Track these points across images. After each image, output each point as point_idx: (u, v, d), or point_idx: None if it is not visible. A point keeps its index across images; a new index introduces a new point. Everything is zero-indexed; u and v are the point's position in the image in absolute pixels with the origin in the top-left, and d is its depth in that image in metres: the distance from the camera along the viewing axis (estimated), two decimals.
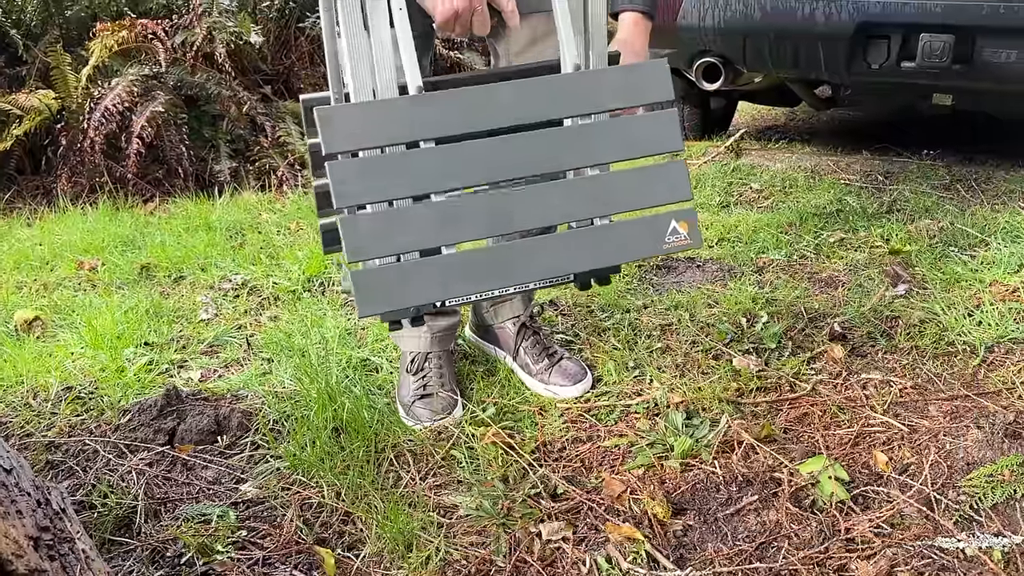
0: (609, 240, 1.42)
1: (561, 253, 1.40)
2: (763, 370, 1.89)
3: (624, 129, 1.42)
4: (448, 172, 1.34)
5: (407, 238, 1.33)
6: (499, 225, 1.38)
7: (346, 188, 1.28)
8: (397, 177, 1.31)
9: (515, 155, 1.37)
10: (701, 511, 1.43)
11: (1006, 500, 1.41)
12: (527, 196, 1.39)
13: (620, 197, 1.42)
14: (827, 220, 2.88)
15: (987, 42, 2.67)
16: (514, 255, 1.39)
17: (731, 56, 3.07)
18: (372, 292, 1.31)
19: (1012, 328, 1.99)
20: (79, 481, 1.55)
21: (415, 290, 1.34)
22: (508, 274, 1.39)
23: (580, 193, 1.41)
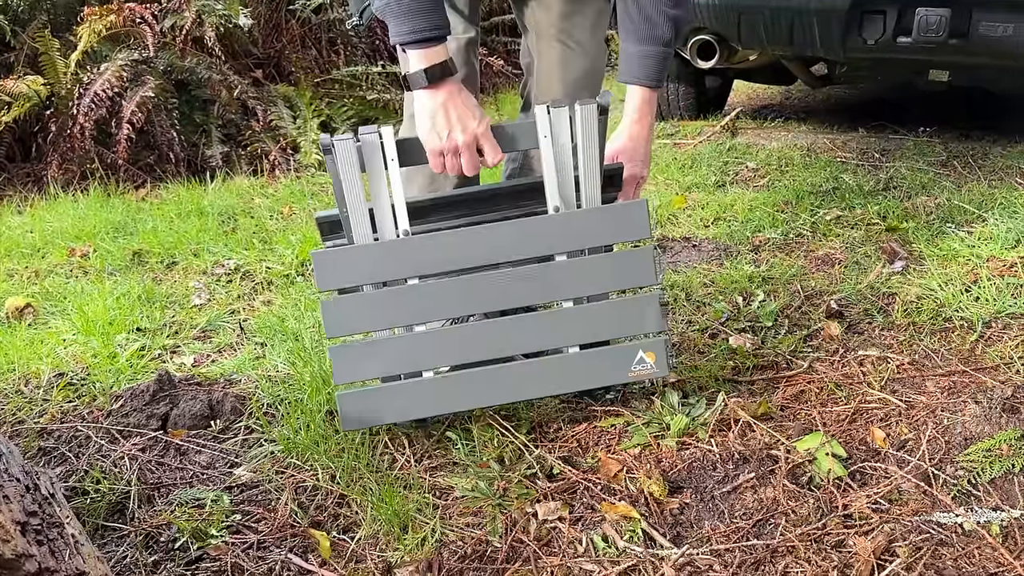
0: (577, 367, 1.57)
1: (530, 378, 1.56)
2: (759, 348, 1.88)
3: (602, 265, 1.56)
4: (430, 306, 1.52)
5: (386, 364, 1.52)
6: (471, 353, 1.55)
7: (336, 321, 1.50)
8: (382, 311, 1.50)
9: (493, 289, 1.53)
10: (698, 489, 1.42)
11: (1004, 474, 1.41)
12: (501, 326, 1.56)
13: (592, 328, 1.56)
14: (823, 198, 2.86)
15: (984, 16, 2.65)
16: (483, 379, 1.56)
17: (726, 34, 3.04)
18: (351, 411, 1.51)
19: (1009, 303, 1.98)
20: (71, 467, 1.54)
21: (392, 408, 1.53)
22: (477, 397, 1.56)
23: (553, 324, 1.56)
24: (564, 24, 1.67)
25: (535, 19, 1.71)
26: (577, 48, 1.67)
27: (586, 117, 1.50)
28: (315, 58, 4.25)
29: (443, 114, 1.44)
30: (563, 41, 1.67)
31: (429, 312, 1.51)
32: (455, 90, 1.45)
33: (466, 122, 1.45)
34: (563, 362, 1.56)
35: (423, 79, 1.43)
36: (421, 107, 1.45)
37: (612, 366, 1.56)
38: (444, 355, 1.53)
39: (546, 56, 1.69)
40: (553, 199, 1.53)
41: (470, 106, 1.46)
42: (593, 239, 1.54)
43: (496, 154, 1.49)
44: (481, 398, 1.55)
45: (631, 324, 1.56)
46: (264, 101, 3.78)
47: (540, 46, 1.70)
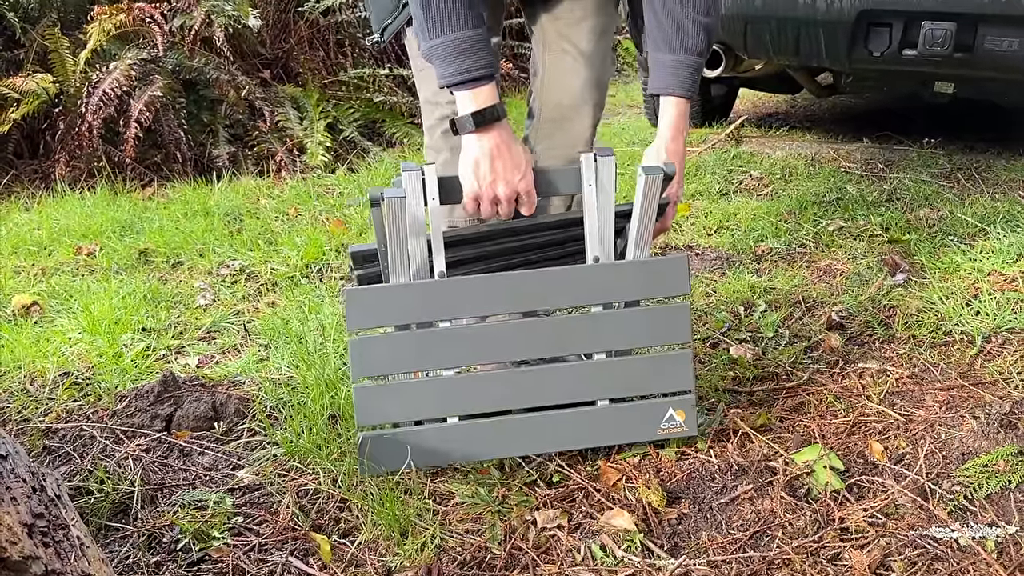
0: (606, 421, 1.53)
1: (559, 429, 1.52)
2: (760, 359, 1.89)
3: (637, 319, 1.53)
4: (460, 351, 1.48)
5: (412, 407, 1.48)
6: (502, 400, 1.52)
7: (365, 362, 1.45)
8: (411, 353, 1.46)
9: (527, 337, 1.50)
10: (696, 500, 1.43)
11: (1000, 490, 1.42)
12: (534, 376, 1.53)
13: (623, 383, 1.53)
14: (827, 208, 2.87)
15: (989, 30, 2.65)
16: (513, 428, 1.52)
17: (732, 43, 3.05)
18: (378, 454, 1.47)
19: (1009, 318, 1.99)
20: (76, 467, 1.56)
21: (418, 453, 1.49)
22: (505, 446, 1.53)
23: (585, 376, 1.53)
24: (571, 33, 1.68)
25: (542, 28, 1.72)
26: (582, 58, 1.68)
27: (651, 185, 1.46)
28: (323, 59, 4.27)
29: (488, 163, 1.41)
30: (568, 51, 1.68)
31: (460, 357, 1.48)
32: (504, 138, 1.42)
33: (510, 175, 1.42)
34: (593, 415, 1.53)
35: (470, 123, 1.40)
36: (467, 151, 1.43)
37: (641, 422, 1.54)
38: (473, 401, 1.50)
39: (551, 66, 1.70)
40: (594, 249, 1.51)
41: (516, 157, 1.43)
42: (632, 293, 1.51)
43: (532, 209, 1.47)
44: (508, 447, 1.52)
45: (663, 381, 1.54)
46: (271, 102, 3.79)
47: (546, 55, 1.71)
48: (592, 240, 1.50)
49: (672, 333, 1.54)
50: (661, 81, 1.60)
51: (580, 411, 1.52)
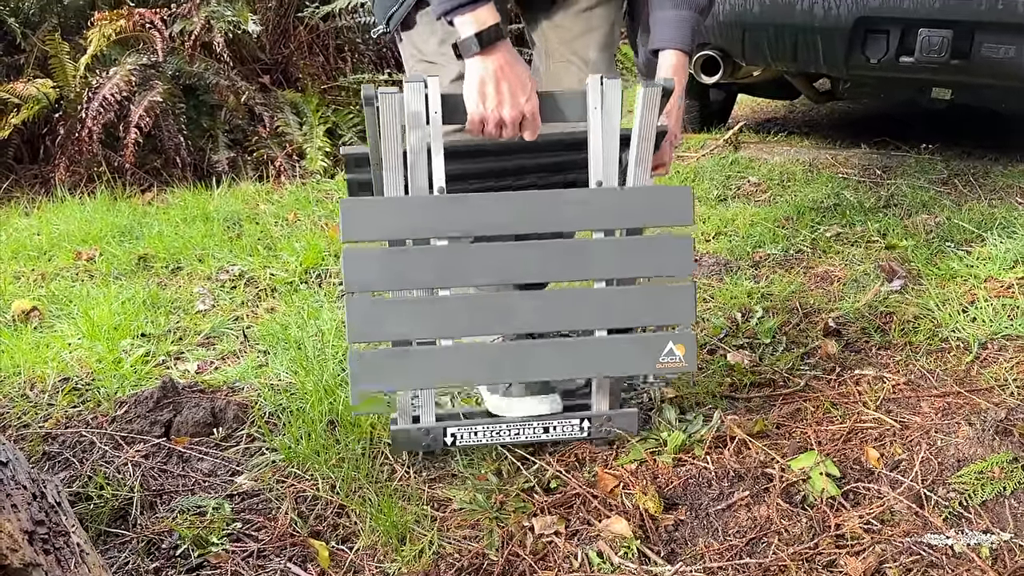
0: (605, 352, 1.51)
1: (556, 358, 1.50)
2: (757, 365, 1.90)
3: (639, 247, 1.50)
4: (457, 270, 1.45)
5: (409, 328, 1.44)
6: (500, 325, 1.48)
7: (357, 275, 1.41)
8: (407, 269, 1.42)
9: (526, 261, 1.46)
10: (693, 506, 1.44)
11: (995, 497, 1.42)
12: (532, 300, 1.50)
13: (624, 313, 1.50)
14: (824, 214, 2.88)
15: (986, 37, 2.67)
16: (509, 354, 1.51)
17: (730, 49, 3.07)
18: (368, 373, 1.44)
19: (1006, 325, 1.99)
20: (75, 472, 1.56)
21: (410, 375, 1.46)
22: (497, 371, 1.50)
23: (584, 303, 1.50)
24: (575, 44, 1.68)
25: (545, 37, 1.73)
26: (586, 68, 1.68)
27: (649, 98, 1.43)
28: (322, 65, 4.28)
29: (494, 84, 1.39)
30: (574, 62, 1.68)
31: (455, 277, 1.44)
32: (509, 58, 1.40)
33: (516, 97, 1.40)
34: (590, 344, 1.50)
35: (475, 44, 1.38)
36: (472, 73, 1.40)
37: (641, 354, 1.50)
38: (468, 323, 1.45)
39: (555, 76, 1.70)
40: (597, 174, 1.47)
41: (522, 78, 1.41)
42: (635, 220, 1.47)
43: (536, 132, 1.45)
44: (501, 373, 1.49)
45: (665, 312, 1.50)
46: (271, 107, 3.81)
47: (549, 64, 1.71)
48: (596, 164, 1.48)
49: (675, 264, 1.50)
50: (662, 34, 1.59)
51: (577, 340, 1.50)
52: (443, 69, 1.56)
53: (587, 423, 1.56)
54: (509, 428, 1.54)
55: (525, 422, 1.54)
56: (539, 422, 1.55)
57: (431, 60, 1.60)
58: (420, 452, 1.55)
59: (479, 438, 1.53)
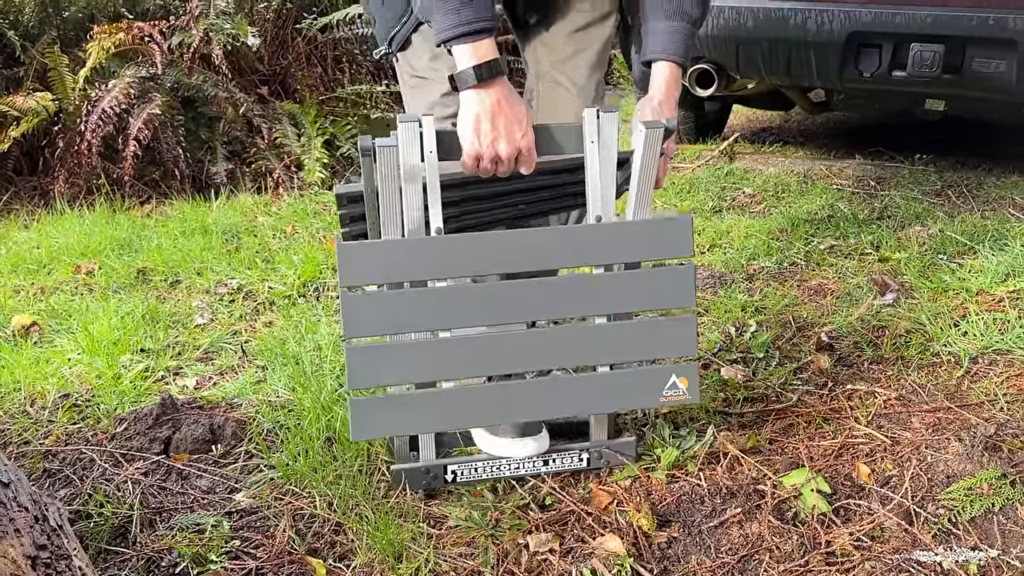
0: (608, 388, 1.50)
1: (559, 396, 1.50)
2: (750, 380, 1.92)
3: (640, 281, 1.48)
4: (457, 312, 1.43)
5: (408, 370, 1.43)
6: (502, 365, 1.47)
7: (356, 321, 1.40)
8: (407, 313, 1.41)
9: (526, 299, 1.44)
10: (686, 523, 1.46)
11: (984, 513, 1.44)
12: (533, 338, 1.49)
13: (626, 347, 1.49)
14: (818, 226, 2.91)
15: (977, 52, 2.70)
16: (510, 393, 1.50)
17: (724, 63, 3.09)
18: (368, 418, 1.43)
19: (996, 339, 2.02)
20: (76, 490, 1.58)
21: (412, 420, 1.46)
22: (503, 412, 1.50)
23: (586, 340, 1.49)
24: (565, 66, 1.70)
25: (536, 56, 1.75)
26: (574, 90, 1.70)
27: (651, 139, 1.43)
28: (320, 76, 4.31)
29: (490, 120, 1.39)
30: (562, 83, 1.70)
31: (456, 318, 1.43)
32: (506, 93, 1.40)
33: (512, 132, 1.40)
34: (596, 381, 1.49)
35: (472, 77, 1.37)
36: (467, 107, 1.40)
37: (644, 389, 1.50)
38: (470, 365, 1.45)
39: (545, 96, 1.72)
40: (595, 208, 1.47)
41: (519, 114, 1.41)
42: (635, 254, 1.47)
43: (532, 167, 1.44)
44: (504, 413, 1.48)
45: (667, 345, 1.50)
46: (269, 118, 3.83)
47: (539, 86, 1.74)
48: (594, 199, 1.47)
49: (676, 297, 1.49)
50: (655, 46, 1.58)
51: (580, 377, 1.49)
52: (433, 84, 1.58)
53: (586, 454, 1.58)
54: (509, 462, 1.55)
55: (527, 456, 1.56)
56: (540, 456, 1.56)
57: (422, 75, 1.62)
58: (420, 490, 1.55)
59: (479, 474, 1.54)
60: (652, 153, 1.45)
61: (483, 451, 1.60)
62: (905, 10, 2.73)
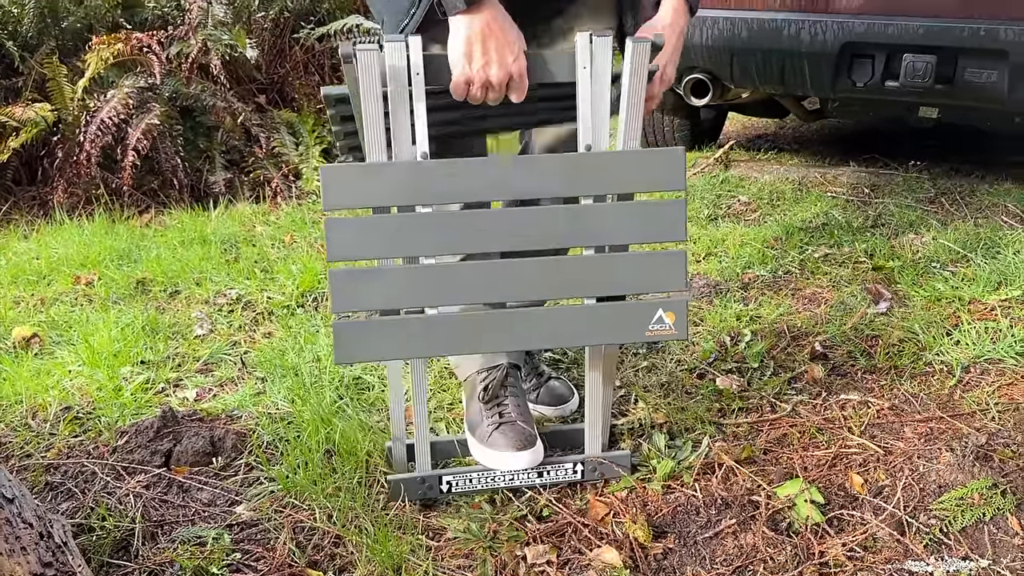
0: (594, 319, 1.47)
1: (545, 327, 1.47)
2: (745, 390, 1.94)
3: (631, 213, 1.45)
4: (442, 239, 1.40)
5: (391, 295, 1.41)
6: (488, 294, 1.45)
7: (340, 244, 1.37)
8: (390, 238, 1.38)
9: (515, 228, 1.42)
10: (681, 534, 1.48)
11: (975, 523, 1.47)
12: (521, 269, 1.45)
13: (614, 280, 1.46)
14: (812, 234, 2.93)
15: (969, 62, 2.72)
16: (493, 322, 1.47)
17: (719, 73, 3.12)
18: (352, 342, 1.40)
19: (988, 348, 2.04)
20: (78, 503, 1.60)
21: (390, 345, 1.43)
22: (486, 341, 1.47)
23: (574, 272, 1.46)
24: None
25: None
26: None
27: (638, 55, 1.41)
28: (318, 84, 4.33)
29: (480, 44, 1.36)
30: None
31: (443, 245, 1.41)
32: (495, 15, 1.36)
33: (504, 56, 1.37)
34: (580, 313, 1.47)
35: (461, 1, 1.34)
36: (456, 32, 1.37)
37: (631, 322, 1.47)
38: (455, 292, 1.42)
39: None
40: (586, 138, 1.44)
41: (510, 39, 1.38)
42: (626, 184, 1.43)
43: (523, 94, 1.41)
44: (490, 342, 1.47)
45: (656, 280, 1.47)
46: (267, 127, 3.85)
47: None
48: (585, 127, 1.45)
49: (667, 230, 1.46)
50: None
51: (567, 308, 1.47)
52: None
53: (580, 466, 1.60)
54: (504, 474, 1.57)
55: (522, 468, 1.57)
56: (534, 468, 1.58)
57: None
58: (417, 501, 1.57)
59: (474, 485, 1.56)
60: (640, 70, 1.42)
61: (479, 463, 1.62)
62: (897, 21, 2.76)
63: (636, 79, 1.43)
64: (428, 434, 1.57)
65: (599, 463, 1.61)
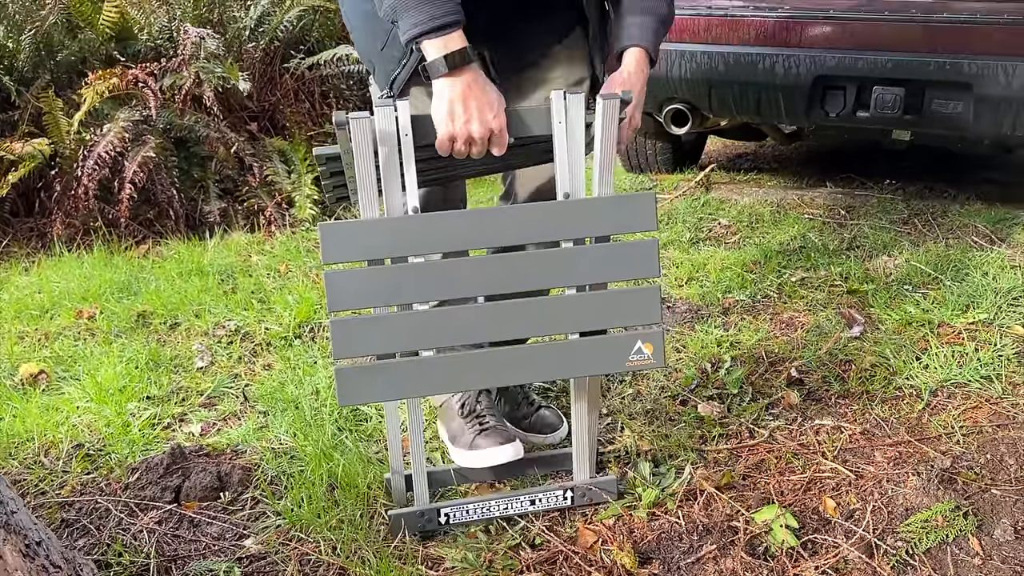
0: (576, 353, 1.59)
1: (529, 362, 1.58)
2: (725, 416, 2.05)
3: (607, 254, 1.57)
4: (435, 286, 1.52)
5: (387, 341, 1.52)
6: (478, 335, 1.56)
7: (339, 295, 1.48)
8: (385, 288, 1.49)
9: (500, 273, 1.53)
10: (665, 560, 1.58)
11: (938, 544, 1.57)
12: (507, 310, 1.57)
13: (595, 316, 1.58)
14: (790, 258, 3.04)
15: (936, 94, 2.86)
16: (487, 361, 1.58)
17: (697, 103, 3.24)
18: (353, 386, 1.51)
19: (955, 372, 2.15)
20: (95, 540, 1.68)
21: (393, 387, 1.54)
22: (479, 378, 1.59)
23: (557, 310, 1.57)
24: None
25: None
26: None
27: (609, 110, 1.53)
28: (308, 111, 4.41)
29: (462, 103, 1.47)
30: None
31: (435, 291, 1.52)
32: (475, 78, 1.48)
33: (484, 114, 1.48)
34: (563, 348, 1.59)
35: (443, 66, 1.45)
36: (440, 94, 1.48)
37: (611, 354, 1.59)
38: (447, 334, 1.53)
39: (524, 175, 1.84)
40: (564, 186, 1.56)
41: (490, 98, 1.49)
42: (602, 228, 1.56)
43: (504, 148, 1.53)
44: (483, 379, 1.58)
45: (633, 314, 1.59)
46: (260, 156, 3.93)
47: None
48: (563, 176, 1.56)
49: (642, 267, 1.59)
50: (627, 37, 1.69)
51: (552, 344, 1.59)
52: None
53: (570, 492, 1.70)
54: (498, 503, 1.67)
55: (512, 496, 1.67)
56: (526, 495, 1.68)
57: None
58: (416, 534, 1.65)
59: (470, 515, 1.66)
60: (611, 123, 1.54)
61: (464, 466, 1.74)
62: (867, 55, 2.89)
63: (608, 133, 1.56)
64: (425, 467, 1.67)
65: (587, 489, 1.71)
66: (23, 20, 3.77)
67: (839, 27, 2.92)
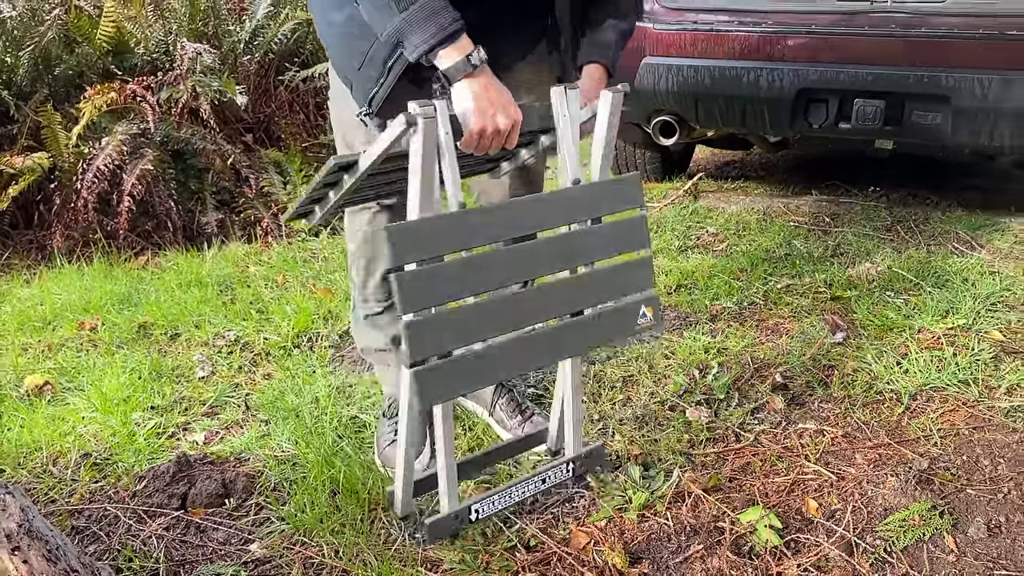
0: (594, 327, 1.72)
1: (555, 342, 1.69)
2: (712, 421, 2.12)
3: (611, 231, 1.73)
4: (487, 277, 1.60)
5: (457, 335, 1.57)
6: (521, 320, 1.65)
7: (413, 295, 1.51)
8: (451, 284, 1.56)
9: (533, 258, 1.65)
10: (655, 560, 1.65)
11: (915, 543, 1.65)
12: (542, 293, 1.69)
13: (605, 289, 1.73)
14: (776, 265, 3.12)
15: (915, 106, 2.94)
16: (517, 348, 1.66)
17: (685, 115, 3.32)
18: (431, 386, 1.55)
19: (934, 377, 2.23)
20: (105, 546, 1.74)
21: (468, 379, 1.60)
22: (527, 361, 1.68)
23: (578, 288, 1.71)
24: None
25: None
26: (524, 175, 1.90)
27: (615, 101, 1.67)
28: (303, 122, 4.49)
29: (487, 98, 1.53)
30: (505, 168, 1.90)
31: (486, 282, 1.59)
32: (491, 78, 1.55)
33: (508, 108, 1.56)
34: (581, 324, 1.70)
35: (466, 66, 1.51)
36: (462, 94, 1.53)
37: (624, 320, 1.74)
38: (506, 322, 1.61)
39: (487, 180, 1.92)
40: (574, 172, 1.68)
41: (506, 95, 1.57)
42: (602, 209, 1.70)
43: (515, 142, 1.61)
44: (531, 362, 1.69)
45: (636, 283, 1.74)
46: (255, 168, 3.99)
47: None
48: (571, 164, 1.68)
49: (638, 240, 1.75)
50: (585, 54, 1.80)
51: (571, 322, 1.69)
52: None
53: (571, 465, 1.77)
54: (516, 489, 1.72)
55: (527, 480, 1.73)
56: (537, 476, 1.74)
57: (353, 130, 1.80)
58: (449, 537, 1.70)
59: (496, 505, 1.71)
60: (615, 116, 1.68)
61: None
62: (848, 69, 2.98)
63: (611, 124, 1.69)
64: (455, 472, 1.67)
65: (584, 458, 1.81)
66: (22, 35, 3.82)
67: (821, 41, 3.01)
